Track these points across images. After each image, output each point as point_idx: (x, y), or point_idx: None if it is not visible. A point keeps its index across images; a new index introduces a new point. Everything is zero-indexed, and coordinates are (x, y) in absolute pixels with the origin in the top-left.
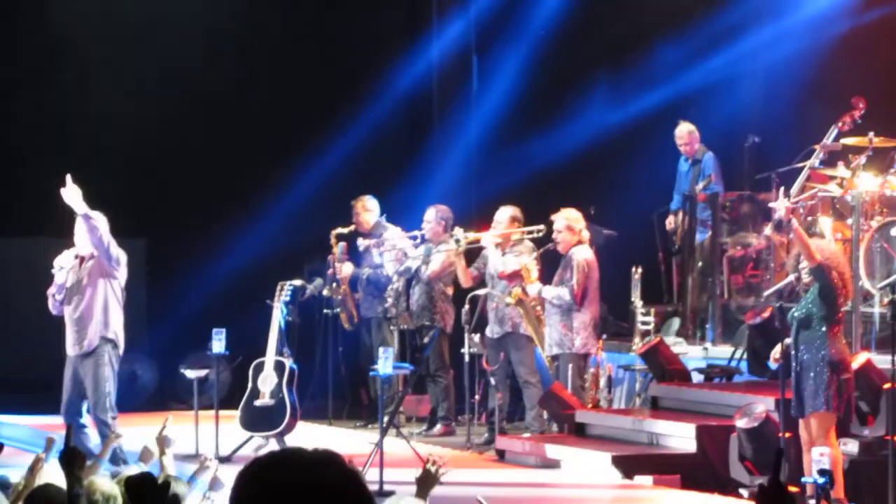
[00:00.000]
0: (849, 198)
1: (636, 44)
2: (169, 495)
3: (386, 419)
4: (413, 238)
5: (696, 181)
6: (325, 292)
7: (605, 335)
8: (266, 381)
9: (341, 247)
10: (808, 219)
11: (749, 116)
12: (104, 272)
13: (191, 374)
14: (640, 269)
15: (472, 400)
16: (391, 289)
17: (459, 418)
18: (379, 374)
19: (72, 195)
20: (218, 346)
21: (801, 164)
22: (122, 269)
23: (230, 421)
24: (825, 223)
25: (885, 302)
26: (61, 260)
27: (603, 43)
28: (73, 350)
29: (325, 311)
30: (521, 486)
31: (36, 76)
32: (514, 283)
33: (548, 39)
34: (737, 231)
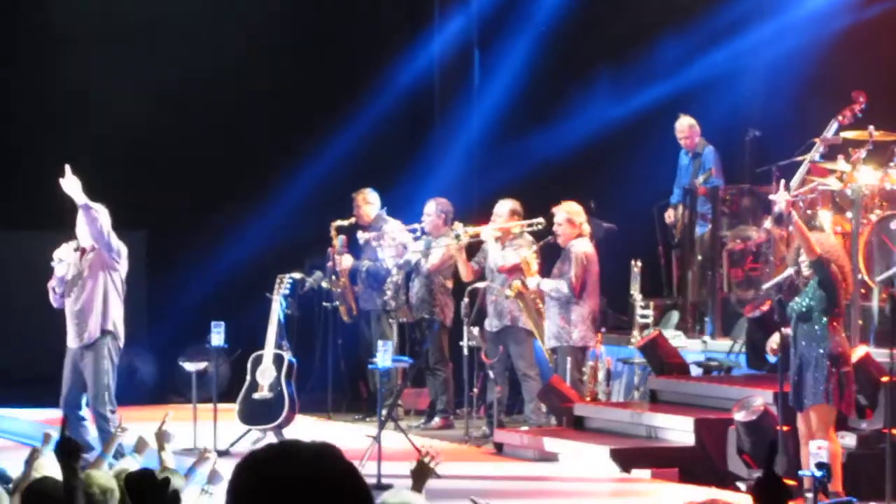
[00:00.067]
0: (848, 191)
1: (637, 39)
2: (169, 492)
3: (384, 412)
4: (413, 231)
5: (697, 175)
6: (324, 284)
7: (604, 328)
8: (265, 375)
9: (341, 239)
10: (808, 212)
11: (749, 110)
12: (105, 264)
13: (189, 366)
14: (639, 263)
15: (471, 393)
16: (390, 282)
17: (458, 411)
18: (378, 368)
19: (71, 186)
20: (217, 339)
21: (801, 158)
22: (123, 262)
23: (229, 414)
24: (825, 217)
25: (884, 295)
26: (60, 253)
27: (604, 38)
28: (74, 342)
29: (324, 304)
30: (520, 479)
31: (36, 69)
32: (513, 276)
33: (549, 34)
34: (737, 224)
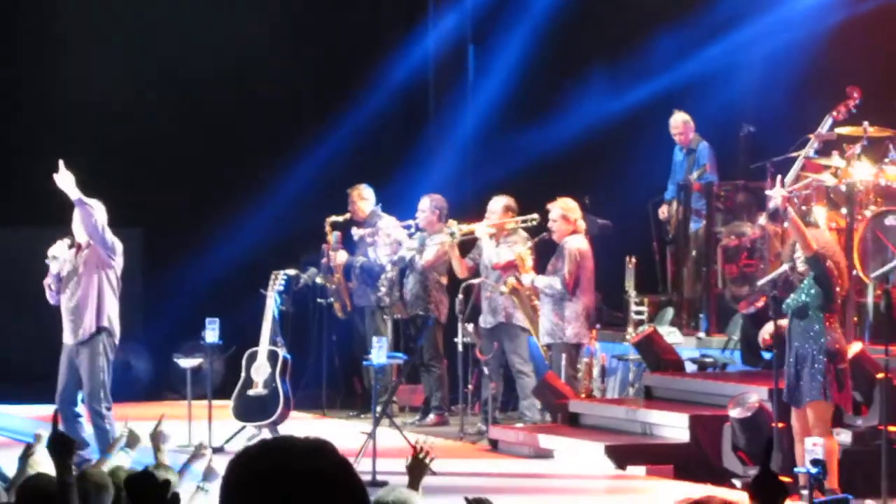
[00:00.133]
0: (843, 187)
1: (632, 34)
2: (169, 496)
3: (379, 409)
4: (407, 227)
5: (691, 171)
6: (318, 280)
7: (598, 325)
8: (259, 371)
9: (336, 235)
10: (803, 208)
11: (744, 106)
12: (100, 261)
13: (184, 363)
14: (634, 259)
15: (466, 390)
16: (385, 278)
17: (453, 408)
18: (372, 364)
19: (65, 181)
20: (211, 335)
21: (795, 154)
22: (119, 258)
23: (224, 411)
24: (819, 213)
25: (878, 292)
26: (55, 250)
27: (599, 33)
28: (70, 339)
29: (318, 300)
30: (515, 476)
31: (33, 67)
32: (508, 273)
33: (544, 30)
34: (731, 220)
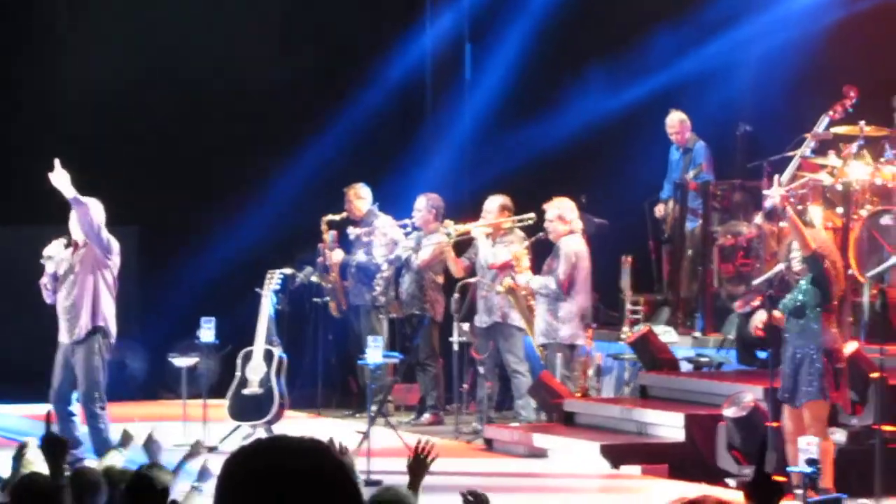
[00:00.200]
0: (839, 187)
1: (628, 34)
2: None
3: (374, 408)
4: (403, 227)
5: (687, 170)
6: (314, 279)
7: (594, 324)
8: (255, 370)
9: (332, 234)
10: (799, 207)
11: (741, 105)
12: (97, 260)
13: (179, 362)
14: (629, 258)
15: (461, 389)
16: (380, 277)
17: (448, 407)
18: (368, 363)
19: (60, 180)
20: (207, 334)
21: (791, 153)
22: (115, 258)
23: (219, 410)
24: (815, 212)
25: (874, 291)
26: (50, 250)
27: (595, 32)
28: (65, 338)
29: (314, 299)
30: (510, 475)
31: (33, 67)
32: (504, 273)
33: (541, 28)
34: (727, 220)
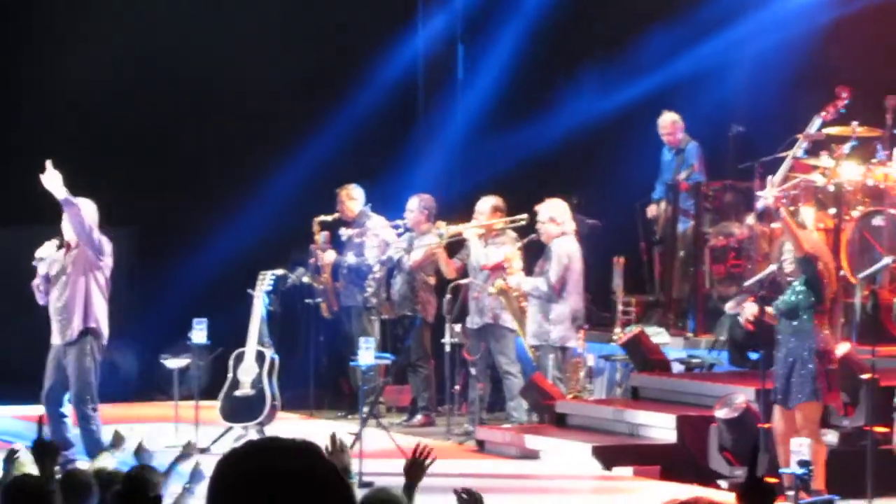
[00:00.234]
0: (831, 187)
1: (621, 34)
2: None
3: (366, 409)
4: (396, 227)
5: (679, 171)
6: (306, 280)
7: (586, 325)
8: (247, 371)
9: (324, 235)
10: (791, 208)
11: (733, 106)
12: (89, 262)
13: (171, 363)
14: (621, 259)
15: (453, 390)
16: (372, 278)
17: (440, 408)
18: (359, 364)
19: (52, 181)
20: (198, 335)
21: (784, 154)
22: (108, 259)
23: (211, 411)
24: (807, 213)
25: (866, 292)
26: (42, 251)
27: (588, 33)
28: (57, 339)
29: (306, 300)
30: (502, 476)
31: (33, 67)
32: (496, 274)
33: (534, 29)
34: (719, 221)
